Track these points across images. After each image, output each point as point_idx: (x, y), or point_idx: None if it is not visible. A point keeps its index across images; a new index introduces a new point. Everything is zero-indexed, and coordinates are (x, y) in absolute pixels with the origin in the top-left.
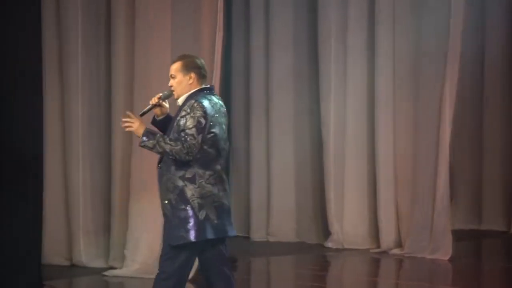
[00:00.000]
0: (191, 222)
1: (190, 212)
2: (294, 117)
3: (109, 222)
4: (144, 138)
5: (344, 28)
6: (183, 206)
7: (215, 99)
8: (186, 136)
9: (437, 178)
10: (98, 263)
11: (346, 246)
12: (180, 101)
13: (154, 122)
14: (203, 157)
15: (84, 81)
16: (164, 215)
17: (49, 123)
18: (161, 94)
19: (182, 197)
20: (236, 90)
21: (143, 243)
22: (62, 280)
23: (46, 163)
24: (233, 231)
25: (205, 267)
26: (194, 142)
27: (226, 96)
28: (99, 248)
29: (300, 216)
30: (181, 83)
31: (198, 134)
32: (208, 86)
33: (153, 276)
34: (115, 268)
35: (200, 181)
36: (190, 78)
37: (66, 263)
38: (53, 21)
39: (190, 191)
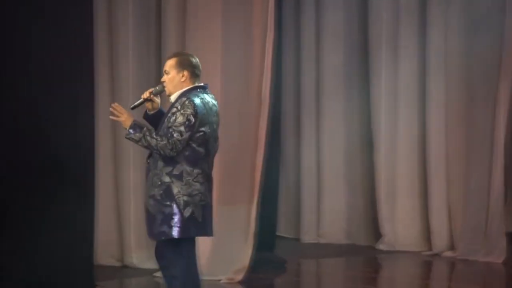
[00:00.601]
0: (175, 218)
1: (175, 209)
2: (344, 117)
3: None
4: (131, 131)
5: (395, 28)
6: (168, 202)
7: (207, 98)
8: (173, 132)
9: (491, 179)
10: (149, 264)
11: (397, 248)
12: (173, 98)
13: (146, 116)
14: (192, 155)
15: (135, 81)
16: (147, 210)
17: (100, 125)
18: (152, 89)
19: (167, 193)
20: (286, 91)
21: None
22: (113, 281)
23: (98, 165)
24: (212, 232)
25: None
26: (180, 138)
27: (276, 97)
28: (149, 250)
29: (351, 218)
30: (173, 80)
31: (186, 131)
32: (202, 84)
33: (204, 277)
34: None
35: (187, 178)
36: (183, 76)
37: (117, 264)
38: (104, 21)
39: (176, 188)
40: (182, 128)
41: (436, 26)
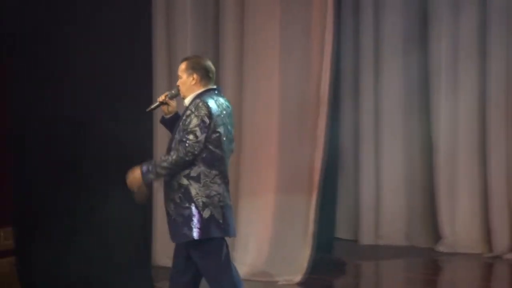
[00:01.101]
0: (195, 220)
1: (194, 211)
2: (404, 118)
3: None
4: (145, 179)
5: (455, 30)
6: (187, 205)
7: (221, 99)
8: (188, 135)
9: None
10: None
11: (457, 250)
12: (187, 101)
13: (163, 120)
14: (209, 157)
15: None
16: (168, 214)
17: (160, 129)
18: (168, 92)
19: (186, 196)
20: (345, 91)
21: (252, 246)
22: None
23: None
24: (234, 232)
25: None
26: (196, 140)
27: (335, 97)
28: None
29: (410, 219)
30: (185, 83)
31: (202, 133)
32: (215, 87)
33: (262, 278)
34: None
35: (205, 180)
36: (193, 79)
37: None
38: (163, 24)
39: (194, 190)
40: (197, 130)
41: (496, 28)
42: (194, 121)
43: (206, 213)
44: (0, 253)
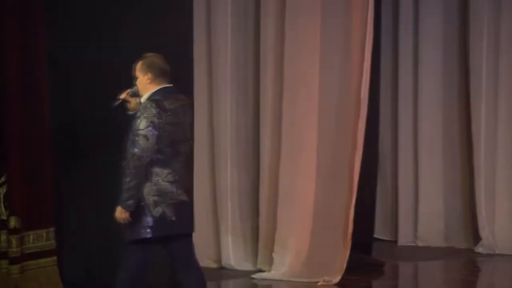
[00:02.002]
0: (146, 219)
1: (145, 210)
2: (443, 118)
3: (257, 225)
4: (125, 207)
5: (496, 28)
6: (139, 204)
7: (174, 99)
8: (137, 138)
9: None
10: (246, 266)
11: (497, 252)
12: (143, 100)
13: (126, 117)
14: (160, 156)
15: (233, 85)
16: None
17: (198, 126)
18: (129, 90)
19: (138, 195)
20: (384, 93)
21: (291, 246)
22: (211, 282)
23: (195, 166)
24: (190, 229)
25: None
26: (146, 144)
27: (374, 99)
28: (247, 251)
29: (449, 220)
30: (141, 83)
31: (152, 134)
32: (168, 86)
33: (301, 279)
34: (263, 271)
35: (156, 179)
36: (148, 78)
37: (214, 265)
38: (203, 22)
39: (146, 188)
40: (147, 132)
41: None
42: (143, 123)
43: (157, 212)
44: (43, 253)
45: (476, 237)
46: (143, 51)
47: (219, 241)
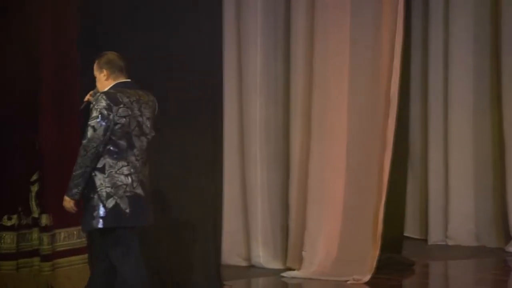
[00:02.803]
0: (98, 210)
1: (97, 201)
2: (474, 117)
3: (287, 223)
4: (70, 195)
5: None
6: (91, 195)
7: (129, 91)
8: (87, 129)
9: None
10: (275, 264)
11: None
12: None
13: None
14: (114, 148)
15: (263, 83)
16: (79, 203)
17: (228, 125)
18: (92, 91)
19: (91, 186)
20: (414, 92)
21: (321, 244)
22: (241, 281)
23: (225, 165)
24: (145, 221)
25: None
26: (92, 135)
27: (404, 98)
28: (276, 249)
29: (480, 219)
30: (100, 81)
31: (100, 125)
32: (124, 80)
33: (330, 278)
34: (293, 270)
35: (110, 171)
36: (104, 75)
37: (244, 263)
38: (232, 22)
39: (99, 180)
40: (95, 123)
41: None
42: (94, 114)
43: (109, 203)
44: (75, 251)
45: (507, 237)
46: (173, 50)
47: (249, 239)
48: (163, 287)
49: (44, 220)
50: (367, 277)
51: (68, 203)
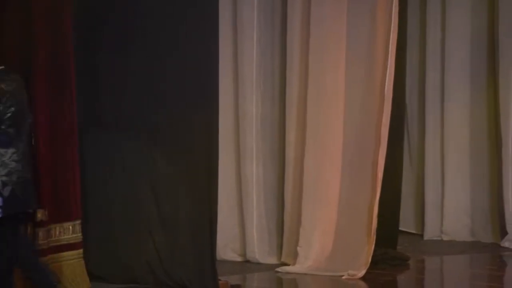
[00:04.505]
0: None
1: None
2: (470, 113)
3: (282, 219)
4: None
5: None
6: None
7: (10, 79)
8: None
9: None
10: (270, 259)
11: None
12: None
13: None
14: (3, 137)
15: (259, 80)
16: None
17: (224, 121)
18: None
19: None
20: (411, 88)
21: (316, 240)
22: (236, 276)
23: (221, 160)
24: (34, 206)
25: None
26: None
27: (400, 94)
28: (272, 245)
29: (475, 215)
30: None
31: None
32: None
33: (325, 273)
34: (288, 265)
35: (2, 159)
36: None
37: (239, 259)
38: (229, 16)
39: None
40: None
41: None
42: None
43: (6, 191)
44: (70, 246)
45: (502, 232)
46: (169, 45)
47: (244, 235)
48: (158, 283)
49: (39, 215)
50: (362, 272)
51: None
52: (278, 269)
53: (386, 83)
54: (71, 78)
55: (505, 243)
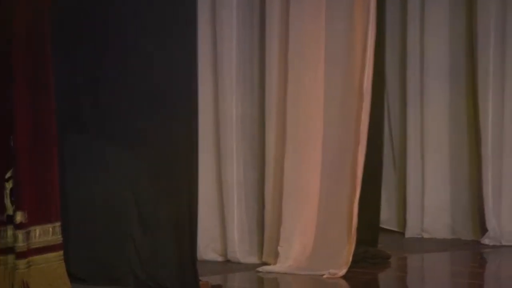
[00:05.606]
0: None
1: None
2: (450, 111)
3: (263, 219)
4: None
5: (503, 21)
6: None
7: None
8: None
9: None
10: (252, 259)
11: (503, 243)
12: None
13: None
14: None
15: (239, 80)
16: None
17: (204, 122)
18: None
19: None
20: (391, 86)
21: (296, 239)
22: (217, 276)
23: (201, 161)
24: None
25: None
26: None
27: (378, 92)
28: (252, 245)
29: (456, 213)
30: None
31: None
32: None
33: (306, 272)
34: (268, 264)
35: None
36: None
37: (220, 259)
38: (208, 15)
39: None
40: None
41: None
42: None
43: None
44: (50, 248)
45: (482, 229)
46: (146, 46)
47: (225, 235)
48: (139, 284)
49: (19, 217)
50: (343, 271)
51: None
52: (259, 269)
53: (365, 82)
54: (49, 78)
55: (485, 240)
